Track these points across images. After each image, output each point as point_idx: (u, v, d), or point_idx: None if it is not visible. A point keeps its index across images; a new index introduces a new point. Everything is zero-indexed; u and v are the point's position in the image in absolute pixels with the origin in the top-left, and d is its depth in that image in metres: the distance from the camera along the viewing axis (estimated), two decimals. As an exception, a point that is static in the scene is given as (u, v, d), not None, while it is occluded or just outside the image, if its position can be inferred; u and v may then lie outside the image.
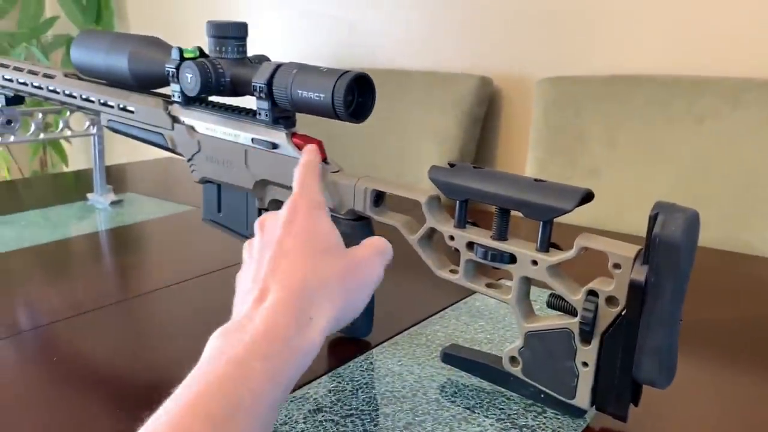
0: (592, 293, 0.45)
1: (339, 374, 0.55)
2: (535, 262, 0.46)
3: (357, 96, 0.52)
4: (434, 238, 0.52)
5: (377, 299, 0.56)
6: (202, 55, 0.59)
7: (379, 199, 0.54)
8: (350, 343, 0.60)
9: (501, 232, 0.48)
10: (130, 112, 0.68)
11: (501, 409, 0.50)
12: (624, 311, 0.44)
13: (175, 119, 0.64)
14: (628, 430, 0.47)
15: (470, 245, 0.49)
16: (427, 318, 0.66)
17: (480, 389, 0.53)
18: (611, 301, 0.44)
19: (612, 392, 0.46)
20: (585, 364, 0.46)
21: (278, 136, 0.57)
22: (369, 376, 0.55)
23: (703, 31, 1.18)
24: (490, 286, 0.50)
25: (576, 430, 0.48)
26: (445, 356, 0.54)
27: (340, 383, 0.54)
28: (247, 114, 0.59)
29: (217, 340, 0.37)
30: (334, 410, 0.50)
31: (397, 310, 0.67)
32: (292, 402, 0.51)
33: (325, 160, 0.55)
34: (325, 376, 0.55)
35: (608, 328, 0.44)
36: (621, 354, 0.44)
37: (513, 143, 1.45)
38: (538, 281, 0.47)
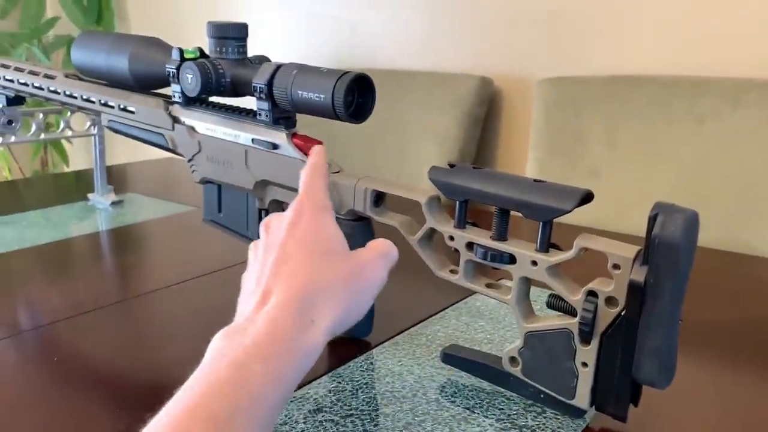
0: (592, 294, 0.45)
1: (339, 374, 0.55)
2: (535, 263, 0.46)
3: (357, 96, 0.52)
4: (434, 239, 0.53)
5: (377, 299, 0.55)
6: (203, 55, 0.59)
7: (379, 199, 0.54)
8: (350, 343, 0.60)
9: (501, 232, 0.48)
10: (131, 112, 0.68)
11: (501, 410, 0.50)
12: (623, 312, 0.44)
13: (175, 120, 0.64)
14: (628, 430, 0.47)
15: (470, 245, 0.49)
16: (427, 318, 0.66)
17: (480, 389, 0.53)
18: (611, 301, 0.44)
19: (611, 392, 0.46)
20: (585, 365, 0.46)
21: (278, 137, 0.57)
22: (369, 376, 0.55)
23: (703, 31, 1.18)
24: (490, 287, 0.50)
25: (576, 431, 0.48)
26: (445, 356, 0.54)
27: (340, 383, 0.54)
28: (248, 114, 0.59)
29: (219, 341, 0.37)
30: (334, 410, 0.50)
31: (397, 310, 0.67)
32: (292, 402, 0.51)
33: (325, 161, 0.55)
34: (325, 376, 0.55)
35: (608, 329, 0.45)
36: (620, 354, 0.44)
37: (513, 144, 1.45)
38: (538, 281, 0.47)
